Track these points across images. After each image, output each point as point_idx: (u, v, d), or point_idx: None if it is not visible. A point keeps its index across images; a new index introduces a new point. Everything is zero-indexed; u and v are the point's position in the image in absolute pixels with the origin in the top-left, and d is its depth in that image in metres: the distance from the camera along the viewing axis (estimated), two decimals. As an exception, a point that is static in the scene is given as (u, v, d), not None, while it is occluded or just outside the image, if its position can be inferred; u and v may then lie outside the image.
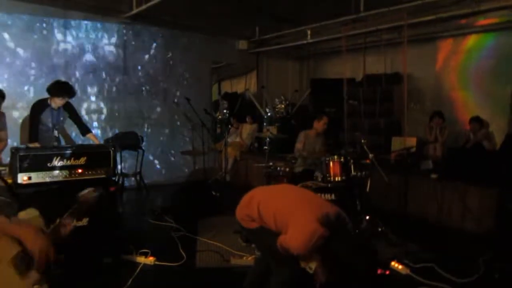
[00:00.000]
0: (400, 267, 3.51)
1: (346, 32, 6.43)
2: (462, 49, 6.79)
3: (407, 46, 5.76)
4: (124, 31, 6.79)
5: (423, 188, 5.15)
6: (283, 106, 7.11)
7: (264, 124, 5.87)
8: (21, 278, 1.70)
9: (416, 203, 5.02)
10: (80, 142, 5.24)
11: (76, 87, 4.42)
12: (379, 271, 3.47)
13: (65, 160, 3.41)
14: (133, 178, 6.74)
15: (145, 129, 7.08)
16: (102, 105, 6.67)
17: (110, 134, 6.58)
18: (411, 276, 3.40)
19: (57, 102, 4.26)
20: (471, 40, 6.66)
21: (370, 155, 4.35)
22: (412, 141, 6.13)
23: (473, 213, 4.68)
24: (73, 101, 4.52)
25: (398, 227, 4.42)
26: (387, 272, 3.48)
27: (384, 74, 7.30)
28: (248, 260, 3.67)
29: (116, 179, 4.34)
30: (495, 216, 4.21)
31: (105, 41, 6.62)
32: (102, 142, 5.52)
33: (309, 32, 6.99)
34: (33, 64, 5.94)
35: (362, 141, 4.45)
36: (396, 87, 7.03)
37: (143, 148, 6.53)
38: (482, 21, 6.17)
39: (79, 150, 3.52)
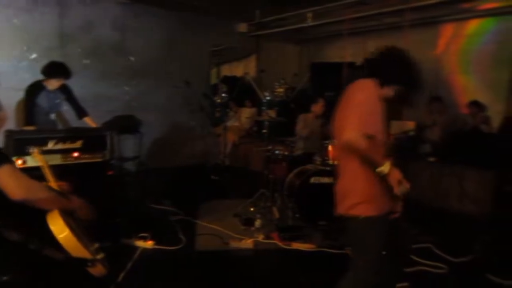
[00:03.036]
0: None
1: (348, 15, 6.34)
2: (463, 33, 6.71)
3: (408, 30, 5.70)
4: (123, 12, 6.68)
5: (421, 171, 5.17)
6: (282, 90, 7.04)
7: (263, 108, 5.83)
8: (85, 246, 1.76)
9: (414, 186, 5.02)
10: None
11: (73, 69, 4.33)
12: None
13: (60, 144, 3.35)
14: (132, 162, 6.74)
15: (144, 113, 7.03)
16: (100, 88, 6.61)
17: (108, 118, 6.54)
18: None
19: (53, 84, 4.18)
20: (473, 25, 6.58)
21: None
22: (410, 125, 6.12)
23: (470, 195, 4.71)
24: (70, 83, 4.46)
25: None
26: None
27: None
28: (248, 243, 3.70)
29: (115, 163, 4.33)
30: (492, 198, 4.24)
31: (104, 22, 6.52)
32: (99, 125, 5.50)
33: (310, 15, 6.90)
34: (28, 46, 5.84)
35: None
36: (396, 71, 6.97)
37: (142, 131, 6.50)
38: (485, 5, 6.09)
39: (75, 133, 3.47)
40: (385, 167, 1.93)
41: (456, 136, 5.55)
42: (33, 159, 3.04)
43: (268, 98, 7.35)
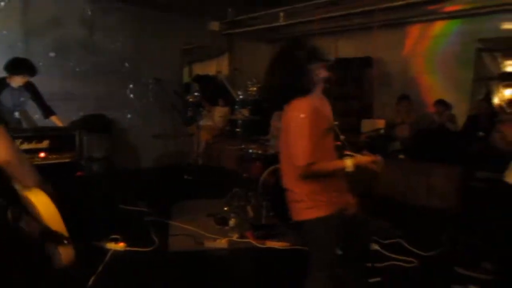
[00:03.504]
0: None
1: (319, 15, 6.43)
2: (429, 34, 6.93)
3: (378, 31, 5.84)
4: (91, 8, 6.49)
5: (392, 168, 5.29)
6: (255, 88, 7.05)
7: (237, 107, 5.81)
8: None
9: (385, 182, 5.17)
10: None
11: (38, 66, 4.17)
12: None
13: (26, 144, 3.23)
14: (102, 163, 6.57)
15: (114, 112, 6.87)
16: (68, 86, 6.39)
17: (76, 117, 6.35)
18: (380, 251, 3.51)
19: (17, 81, 4.02)
20: (438, 26, 6.80)
21: (341, 137, 4.40)
22: (381, 123, 6.27)
23: (438, 190, 4.88)
24: (35, 82, 4.30)
25: (367, 206, 4.54)
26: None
27: (355, 58, 7.39)
28: (222, 242, 3.68)
29: (84, 163, 4.21)
30: (458, 193, 4.40)
31: (70, 18, 6.31)
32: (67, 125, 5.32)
33: (282, 14, 6.94)
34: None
35: (334, 123, 4.48)
36: (367, 71, 7.13)
37: (112, 131, 6.35)
38: (449, 8, 6.31)
39: (41, 133, 3.36)
40: (349, 166, 1.95)
41: (423, 134, 5.72)
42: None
43: (241, 97, 7.36)
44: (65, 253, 1.69)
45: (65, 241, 1.68)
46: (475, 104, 5.95)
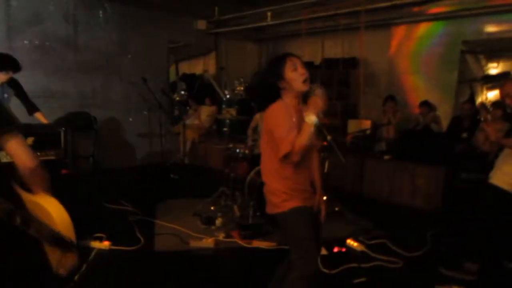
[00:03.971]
0: (355, 244, 3.65)
1: (305, 15, 6.46)
2: (414, 36, 7.02)
3: (363, 31, 5.90)
4: (75, 5, 6.38)
5: (377, 168, 5.36)
6: (242, 88, 7.06)
7: (223, 106, 5.81)
8: None
9: (371, 182, 5.22)
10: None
11: (22, 63, 4.08)
12: (336, 249, 3.61)
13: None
14: (87, 161, 6.47)
15: (99, 110, 6.77)
16: (51, 83, 6.28)
17: (60, 114, 6.24)
18: (366, 252, 3.55)
19: (0, 78, 3.94)
20: (423, 28, 6.90)
21: (328, 137, 4.43)
22: (367, 124, 6.33)
23: (422, 191, 4.94)
24: (18, 78, 4.21)
25: (354, 206, 4.59)
26: (344, 250, 3.62)
27: (341, 58, 7.44)
28: (208, 242, 3.66)
29: (69, 162, 4.14)
30: (442, 194, 4.46)
31: (54, 15, 6.20)
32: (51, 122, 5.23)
33: (269, 14, 6.95)
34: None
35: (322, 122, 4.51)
36: (353, 71, 7.18)
37: (97, 129, 6.27)
38: (434, 9, 6.42)
39: (25, 130, 3.29)
40: (311, 121, 1.95)
41: (409, 134, 5.80)
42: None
43: (228, 96, 7.36)
44: (71, 260, 1.67)
45: (73, 248, 1.66)
46: (459, 106, 6.06)
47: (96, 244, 3.49)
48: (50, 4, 6.13)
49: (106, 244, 3.50)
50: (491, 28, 6.23)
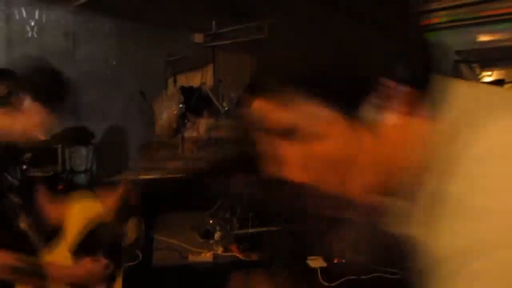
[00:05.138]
0: (355, 256, 3.62)
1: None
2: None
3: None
4: (75, 19, 6.44)
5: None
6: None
7: (222, 118, 5.82)
8: None
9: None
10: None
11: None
12: (335, 260, 3.58)
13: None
14: (83, 176, 6.45)
15: (97, 124, 6.78)
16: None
17: (57, 129, 6.24)
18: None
19: None
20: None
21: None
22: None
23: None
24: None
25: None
26: (344, 261, 3.58)
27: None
28: (206, 256, 3.64)
29: (65, 177, 4.14)
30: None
31: (54, 28, 6.25)
32: (48, 137, 5.23)
33: (266, 27, 7.00)
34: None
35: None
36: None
37: (95, 143, 6.26)
38: (425, 21, 6.45)
39: (23, 146, 3.30)
40: None
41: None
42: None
43: (226, 108, 7.36)
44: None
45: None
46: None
47: (93, 260, 3.46)
48: (50, 18, 6.18)
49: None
50: (484, 38, 6.29)
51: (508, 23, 6.02)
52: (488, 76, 6.74)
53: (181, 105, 7.99)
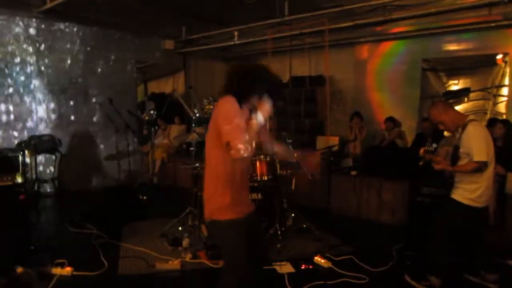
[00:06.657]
0: (322, 261, 3.67)
1: (271, 35, 6.60)
2: (377, 54, 7.28)
3: (328, 50, 6.07)
4: (38, 26, 6.28)
5: (344, 184, 5.43)
6: (211, 106, 7.05)
7: (193, 125, 5.79)
8: None
9: (338, 198, 5.28)
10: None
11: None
12: (303, 266, 3.62)
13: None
14: (50, 184, 6.28)
15: (64, 132, 6.62)
16: (14, 105, 6.11)
17: (23, 137, 6.06)
18: (333, 268, 3.57)
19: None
20: (386, 46, 7.17)
21: (295, 154, 4.47)
22: (334, 140, 6.43)
23: (388, 206, 5.04)
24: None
25: (322, 222, 4.62)
26: (311, 267, 3.62)
27: (308, 76, 7.60)
28: (174, 264, 3.59)
29: (31, 186, 4.01)
30: (407, 208, 4.56)
31: (17, 36, 6.07)
32: (13, 146, 5.07)
33: (236, 33, 7.04)
34: None
35: (288, 140, 4.55)
36: (320, 89, 7.34)
37: (61, 151, 6.11)
38: (395, 29, 6.69)
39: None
40: (258, 117, 2.09)
41: (374, 150, 5.93)
42: None
43: (197, 114, 7.33)
44: None
45: None
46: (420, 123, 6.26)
47: (57, 271, 3.36)
48: (13, 26, 6.01)
49: (68, 270, 3.38)
50: (450, 47, 6.53)
51: (474, 33, 6.31)
52: (455, 84, 7.00)
53: (152, 112, 7.92)
